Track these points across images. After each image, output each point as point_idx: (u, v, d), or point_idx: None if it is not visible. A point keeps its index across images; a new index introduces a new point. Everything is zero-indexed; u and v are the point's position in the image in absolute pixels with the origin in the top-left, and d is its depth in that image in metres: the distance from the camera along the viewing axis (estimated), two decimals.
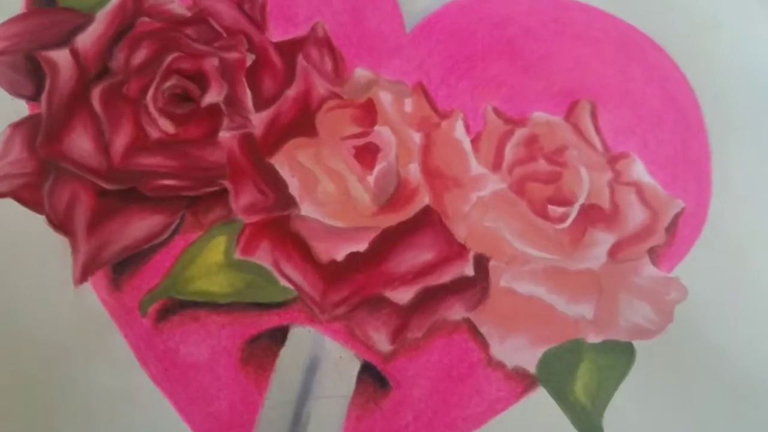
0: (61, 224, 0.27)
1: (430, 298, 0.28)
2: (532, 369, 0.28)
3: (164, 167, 0.28)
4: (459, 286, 0.28)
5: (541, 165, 0.29)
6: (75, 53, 0.29)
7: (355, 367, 0.27)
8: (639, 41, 0.33)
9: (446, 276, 0.28)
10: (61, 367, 0.26)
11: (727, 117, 0.30)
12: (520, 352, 0.28)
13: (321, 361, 0.27)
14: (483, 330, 0.28)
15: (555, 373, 0.28)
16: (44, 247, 0.27)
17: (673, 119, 0.31)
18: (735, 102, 0.31)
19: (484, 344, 0.28)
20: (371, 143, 0.29)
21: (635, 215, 0.29)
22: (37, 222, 0.27)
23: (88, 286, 0.27)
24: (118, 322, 0.26)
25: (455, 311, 0.28)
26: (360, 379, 0.27)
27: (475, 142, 0.30)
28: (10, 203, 0.27)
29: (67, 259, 0.27)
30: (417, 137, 0.29)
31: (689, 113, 0.31)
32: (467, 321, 0.28)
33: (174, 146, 0.29)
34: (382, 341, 0.27)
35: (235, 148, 0.29)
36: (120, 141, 0.28)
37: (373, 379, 0.27)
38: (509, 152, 0.30)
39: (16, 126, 0.28)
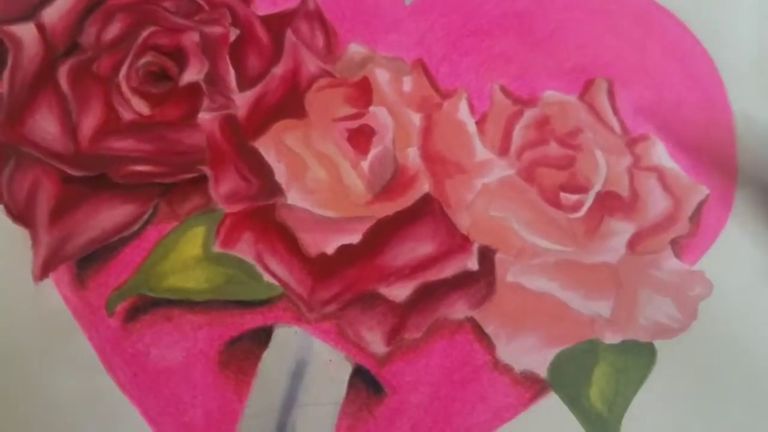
0: (21, 214, 0.24)
1: (429, 294, 0.26)
2: (542, 373, 0.27)
3: (137, 151, 0.26)
4: (462, 282, 0.26)
5: (553, 149, 0.28)
6: (41, 28, 0.27)
7: (347, 371, 0.25)
8: (658, 15, 0.31)
9: (447, 270, 0.27)
10: (19, 372, 0.23)
11: (753, 96, 0.29)
12: (529, 355, 0.26)
13: (308, 365, 0.24)
14: (488, 330, 0.26)
15: (568, 377, 0.26)
16: (1, 240, 0.24)
17: (696, 99, 0.30)
18: (762, 80, 0.29)
19: (489, 345, 0.25)
20: (366, 125, 0.27)
21: (656, 203, 0.28)
22: None
23: (49, 282, 0.24)
24: (82, 323, 0.24)
25: (457, 309, 0.26)
26: (352, 384, 0.25)
27: (480, 123, 0.28)
28: None
29: (27, 252, 0.24)
30: (416, 119, 0.28)
31: (713, 92, 0.29)
32: (471, 320, 0.26)
33: (148, 129, 0.26)
34: (376, 342, 0.25)
35: (216, 130, 0.26)
36: (89, 123, 0.26)
37: (366, 384, 0.25)
38: (518, 135, 0.28)
39: None
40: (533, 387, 0.26)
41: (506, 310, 0.27)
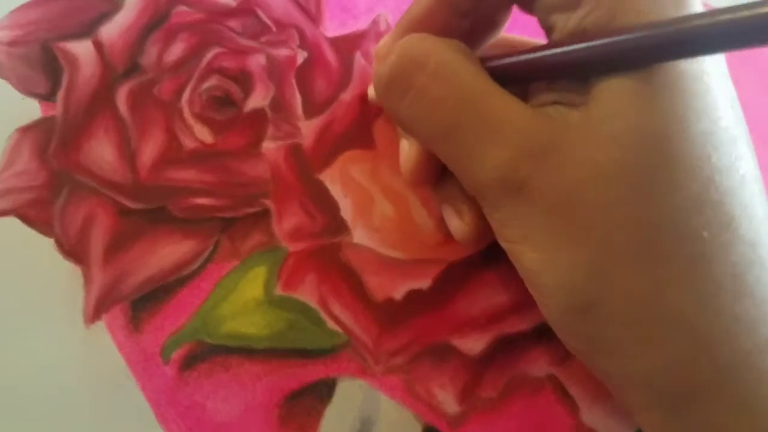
0: (74, 249, 0.22)
1: (506, 348, 0.23)
2: None
3: (199, 183, 0.23)
4: (542, 335, 0.23)
5: None
6: (99, 46, 0.24)
7: None
8: None
9: (525, 322, 0.24)
10: (66, 423, 0.20)
11: None
12: (615, 419, 0.23)
13: (374, 424, 0.22)
14: (572, 390, 0.22)
15: None
16: (51, 277, 0.22)
17: None
18: None
19: (573, 408, 0.23)
20: None
21: None
22: (45, 246, 0.22)
23: (101, 325, 0.21)
24: (136, 371, 0.21)
25: (538, 366, 0.23)
26: None
27: None
28: (13, 223, 0.22)
29: (79, 291, 0.21)
30: None
31: None
32: (553, 378, 0.23)
33: (211, 158, 0.24)
34: (448, 401, 0.22)
35: (281, 161, 0.24)
36: (148, 151, 0.23)
37: None
38: None
39: (26, 130, 0.23)
40: None
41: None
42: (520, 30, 0.25)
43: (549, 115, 0.17)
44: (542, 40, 0.20)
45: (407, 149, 0.22)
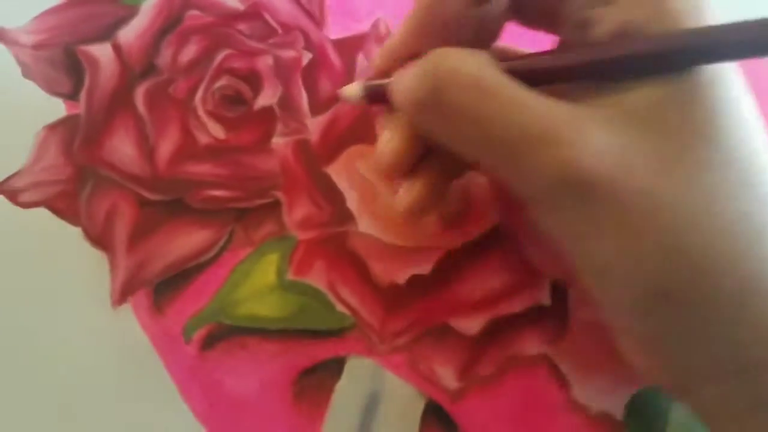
0: (100, 238, 0.24)
1: (501, 329, 0.25)
2: (618, 414, 0.25)
3: (213, 176, 0.25)
4: (534, 317, 0.25)
5: None
6: (117, 48, 0.27)
7: (419, 406, 0.24)
8: None
9: (518, 304, 0.26)
10: (94, 401, 0.23)
11: None
12: (604, 395, 0.25)
13: (381, 399, 0.24)
14: (563, 368, 0.24)
15: (645, 418, 0.25)
16: (80, 263, 0.24)
17: None
18: None
19: (564, 384, 0.24)
20: None
21: None
22: (73, 235, 0.24)
23: (128, 307, 0.24)
24: (160, 350, 0.23)
25: (532, 345, 0.25)
26: (424, 420, 0.24)
27: None
28: (43, 214, 0.25)
29: (105, 276, 0.24)
30: None
31: None
32: (546, 357, 0.24)
33: (224, 153, 0.26)
34: (448, 377, 0.24)
35: (289, 155, 0.26)
36: (166, 146, 0.26)
37: (439, 420, 0.24)
38: None
39: (52, 128, 0.26)
40: (608, 428, 0.25)
41: (580, 348, 0.26)
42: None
43: (587, 107, 0.18)
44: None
45: (388, 140, 0.22)
